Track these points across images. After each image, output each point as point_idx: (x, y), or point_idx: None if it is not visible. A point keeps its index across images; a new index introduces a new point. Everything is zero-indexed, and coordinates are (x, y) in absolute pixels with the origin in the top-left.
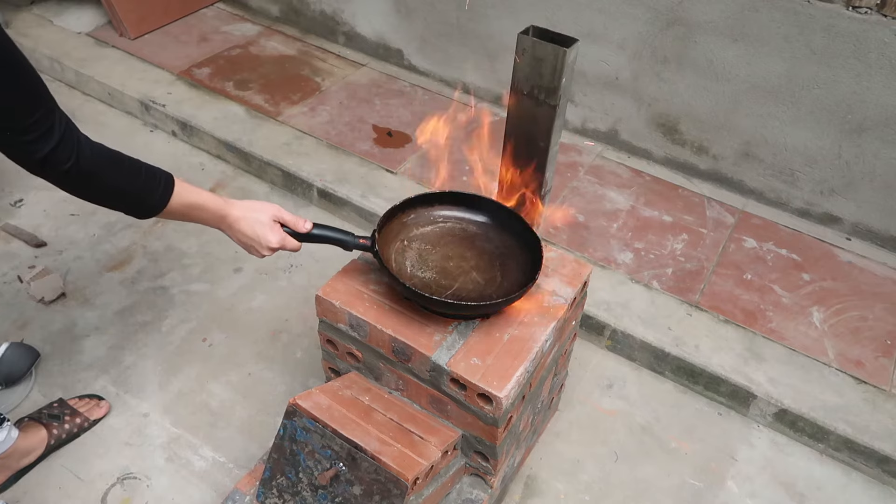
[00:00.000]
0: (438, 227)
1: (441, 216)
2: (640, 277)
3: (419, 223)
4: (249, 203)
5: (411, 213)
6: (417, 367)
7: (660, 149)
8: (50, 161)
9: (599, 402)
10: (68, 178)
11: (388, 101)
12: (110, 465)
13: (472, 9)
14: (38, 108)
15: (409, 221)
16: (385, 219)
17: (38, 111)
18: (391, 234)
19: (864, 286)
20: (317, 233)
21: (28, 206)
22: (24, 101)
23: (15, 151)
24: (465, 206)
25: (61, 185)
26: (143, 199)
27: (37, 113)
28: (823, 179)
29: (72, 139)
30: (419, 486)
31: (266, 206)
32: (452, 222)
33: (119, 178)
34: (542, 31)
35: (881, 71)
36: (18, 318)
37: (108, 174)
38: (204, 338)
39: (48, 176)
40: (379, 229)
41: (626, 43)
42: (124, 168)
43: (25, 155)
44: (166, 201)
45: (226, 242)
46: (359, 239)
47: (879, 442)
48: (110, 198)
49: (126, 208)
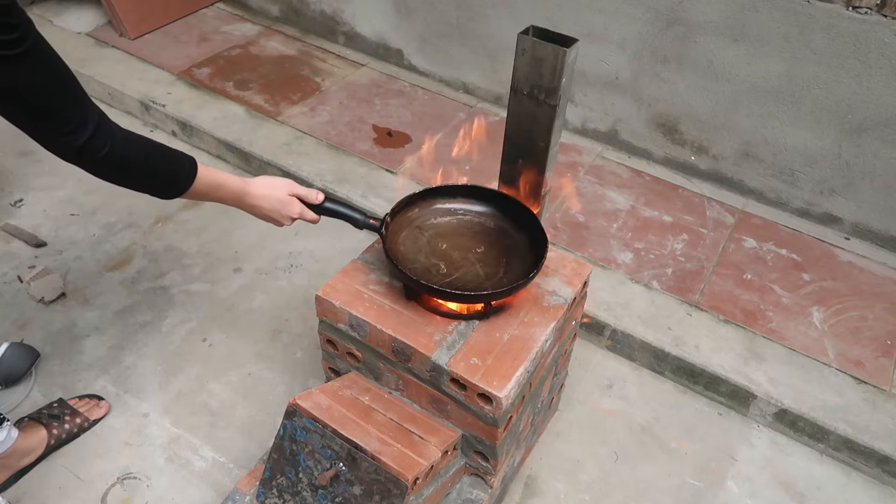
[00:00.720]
0: (456, 219)
1: (460, 209)
2: (640, 277)
3: (437, 213)
4: (266, 180)
5: (432, 203)
6: (417, 367)
7: (660, 149)
8: (87, 150)
9: (599, 402)
10: (104, 165)
11: (388, 101)
12: (110, 465)
13: (472, 9)
14: (75, 102)
15: (427, 211)
16: (402, 205)
17: (75, 105)
18: (406, 220)
19: (864, 286)
20: (329, 206)
21: (28, 206)
22: (63, 97)
23: (54, 143)
24: (485, 201)
25: (97, 172)
26: (172, 180)
27: (74, 106)
28: (823, 179)
29: (105, 128)
30: (419, 486)
31: (281, 182)
32: (471, 216)
33: (149, 162)
34: (542, 31)
35: (881, 71)
36: (18, 318)
37: (139, 158)
38: (204, 338)
39: (85, 164)
40: (393, 214)
41: (626, 43)
42: (154, 152)
43: (64, 146)
44: (192, 181)
45: (226, 242)
46: (369, 219)
47: (879, 442)
48: (142, 180)
49: (156, 189)
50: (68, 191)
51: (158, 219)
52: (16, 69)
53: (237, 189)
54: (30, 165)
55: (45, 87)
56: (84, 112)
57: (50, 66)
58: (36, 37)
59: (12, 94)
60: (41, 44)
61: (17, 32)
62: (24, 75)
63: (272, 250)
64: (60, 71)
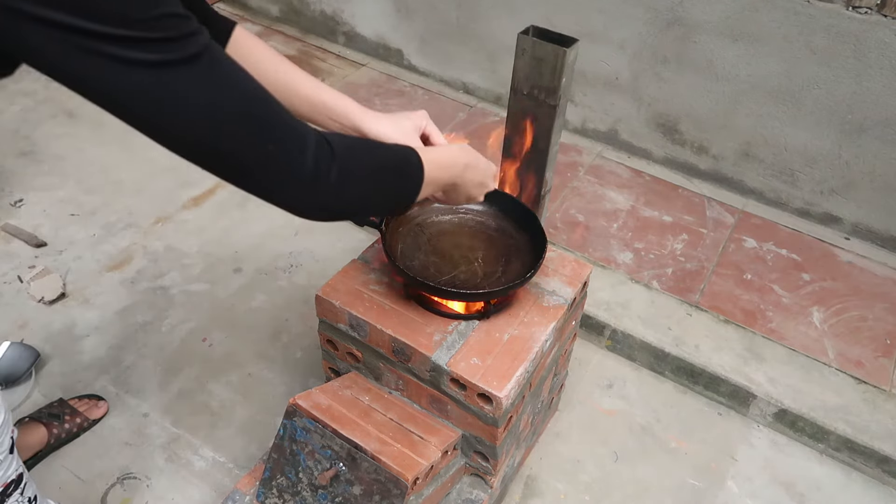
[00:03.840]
0: (457, 217)
1: (461, 208)
2: (640, 277)
3: (438, 211)
4: (446, 146)
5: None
6: (417, 367)
7: (660, 149)
8: (318, 168)
9: (599, 402)
10: (338, 180)
11: (388, 101)
12: (110, 465)
13: (471, 9)
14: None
15: (428, 209)
16: None
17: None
18: (406, 218)
19: (864, 286)
20: None
21: (28, 206)
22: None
23: (284, 185)
24: (485, 200)
25: (333, 199)
26: (407, 177)
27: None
28: (823, 179)
29: (311, 129)
30: (419, 486)
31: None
32: (473, 214)
33: (375, 157)
34: (542, 31)
35: (881, 71)
36: (18, 318)
37: (363, 154)
38: (204, 338)
39: (322, 194)
40: None
41: (626, 43)
42: (374, 148)
43: (296, 180)
44: (423, 173)
45: (226, 242)
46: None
47: (879, 442)
48: (380, 197)
49: (396, 202)
50: (68, 191)
51: (158, 219)
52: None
53: (456, 158)
54: (30, 165)
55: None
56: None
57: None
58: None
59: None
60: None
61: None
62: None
63: (272, 250)
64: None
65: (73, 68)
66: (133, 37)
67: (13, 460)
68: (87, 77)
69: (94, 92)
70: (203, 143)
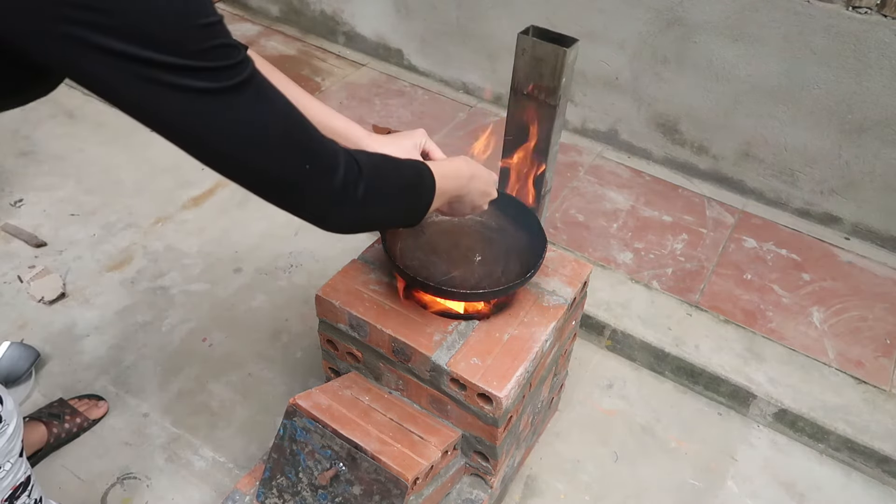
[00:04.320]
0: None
1: None
2: (640, 277)
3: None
4: (449, 159)
5: None
6: (417, 367)
7: (660, 149)
8: (346, 185)
9: (599, 402)
10: (363, 197)
11: (388, 101)
12: (110, 465)
13: (471, 9)
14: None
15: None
16: None
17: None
18: None
19: (864, 286)
20: None
21: (28, 206)
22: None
23: (316, 200)
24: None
25: (358, 215)
26: (422, 191)
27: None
28: (823, 179)
29: (342, 148)
30: (419, 486)
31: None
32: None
33: (397, 174)
34: (542, 31)
35: (881, 71)
36: (18, 318)
37: (387, 171)
38: (204, 338)
39: (349, 209)
40: None
41: (626, 43)
42: (392, 162)
43: (328, 196)
44: (434, 187)
45: (226, 242)
46: None
47: (879, 442)
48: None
49: (407, 217)
50: (68, 191)
51: (158, 219)
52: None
53: (460, 171)
54: (30, 165)
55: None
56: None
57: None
58: None
59: None
60: None
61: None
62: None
63: (272, 250)
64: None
65: (132, 95)
66: (191, 66)
67: (22, 463)
68: (145, 103)
69: (151, 118)
70: (249, 163)
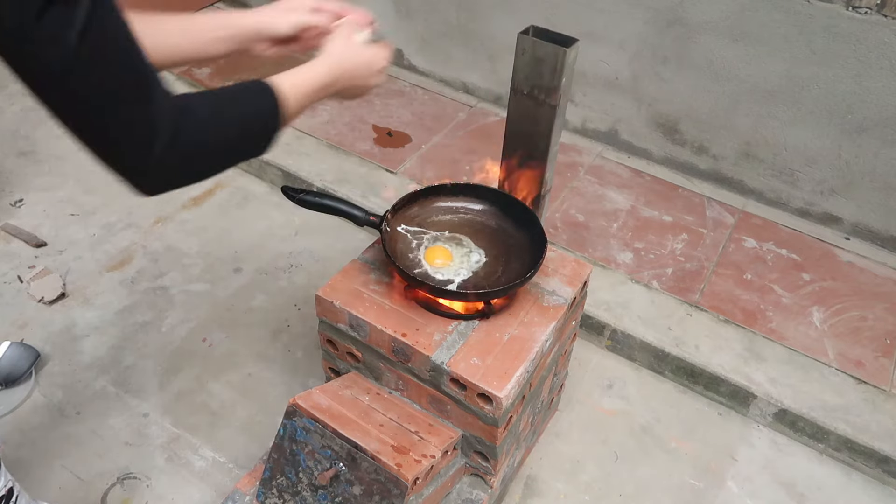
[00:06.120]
0: (457, 217)
1: (461, 207)
2: (640, 277)
3: (438, 211)
4: (310, 64)
5: (434, 201)
6: (417, 367)
7: (660, 149)
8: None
9: (599, 402)
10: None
11: (388, 101)
12: (110, 465)
13: (472, 9)
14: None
15: (428, 209)
16: (403, 203)
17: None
18: (406, 218)
19: (864, 286)
20: (330, 203)
21: (28, 206)
22: None
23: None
24: (486, 200)
25: (178, 171)
26: (261, 135)
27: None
28: (823, 179)
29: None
30: (419, 486)
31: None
32: (472, 214)
33: (231, 110)
34: (542, 31)
35: (881, 71)
36: (18, 318)
37: (217, 116)
38: (204, 338)
39: (168, 166)
40: (394, 211)
41: (626, 43)
42: (228, 104)
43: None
44: (280, 120)
45: (226, 242)
46: (370, 216)
47: (879, 442)
48: (231, 154)
49: (246, 155)
50: (68, 191)
51: (158, 219)
52: None
53: (324, 82)
54: (30, 165)
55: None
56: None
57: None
58: None
59: None
60: None
61: None
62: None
63: (272, 250)
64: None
65: None
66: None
67: (2, 475)
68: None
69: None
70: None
